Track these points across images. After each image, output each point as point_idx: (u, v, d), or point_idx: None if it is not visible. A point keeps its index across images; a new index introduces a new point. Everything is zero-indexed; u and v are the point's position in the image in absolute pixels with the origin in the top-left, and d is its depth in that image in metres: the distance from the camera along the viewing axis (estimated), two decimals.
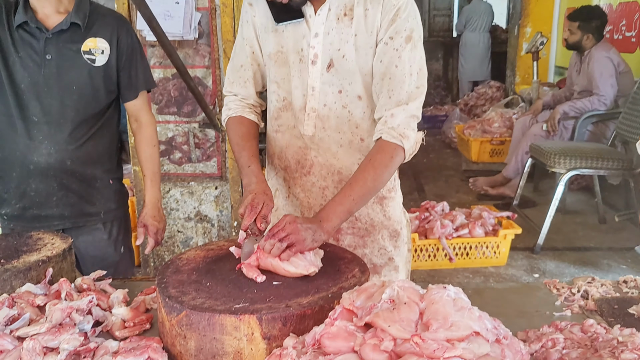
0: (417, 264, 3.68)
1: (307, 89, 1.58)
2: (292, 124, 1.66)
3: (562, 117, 4.67)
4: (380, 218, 1.73)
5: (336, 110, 1.59)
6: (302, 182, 1.70)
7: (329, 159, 1.65)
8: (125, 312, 1.34)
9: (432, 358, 0.85)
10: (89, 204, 2.00)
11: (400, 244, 1.77)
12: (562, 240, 4.17)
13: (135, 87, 2.01)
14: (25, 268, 1.41)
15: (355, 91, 1.57)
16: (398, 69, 1.50)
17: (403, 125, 1.50)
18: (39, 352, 1.15)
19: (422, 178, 5.92)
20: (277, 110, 1.68)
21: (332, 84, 1.57)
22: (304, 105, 1.60)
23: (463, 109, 7.86)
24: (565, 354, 1.16)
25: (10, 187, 1.94)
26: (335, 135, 1.62)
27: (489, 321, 0.99)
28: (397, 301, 1.01)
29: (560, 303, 1.48)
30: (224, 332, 1.13)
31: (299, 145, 1.67)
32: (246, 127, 1.67)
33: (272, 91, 1.67)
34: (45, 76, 1.85)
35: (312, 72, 1.56)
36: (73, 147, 1.92)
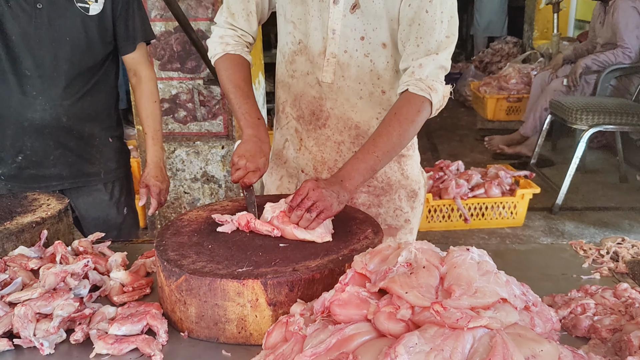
0: (430, 225, 3.59)
1: (327, 32, 1.45)
2: (306, 70, 1.52)
3: (584, 71, 4.48)
4: (397, 177, 1.62)
5: (357, 59, 1.46)
6: (316, 135, 1.58)
7: (347, 112, 1.53)
8: (124, 276, 1.27)
9: (454, 328, 0.76)
10: (88, 164, 1.91)
11: (417, 204, 1.68)
12: (582, 200, 4.05)
13: (132, 38, 1.89)
14: (17, 230, 1.33)
15: (379, 38, 1.43)
16: (428, 15, 1.35)
17: (432, 77, 1.37)
18: (31, 318, 1.08)
19: (435, 137, 5.78)
20: (292, 53, 1.54)
21: (355, 29, 1.43)
22: (323, 49, 1.47)
23: (478, 66, 7.61)
24: (597, 321, 1.06)
25: (5, 145, 1.85)
26: (355, 85, 1.49)
27: (517, 286, 0.90)
28: (415, 265, 0.92)
29: (588, 265, 1.38)
30: (227, 298, 1.05)
31: (314, 94, 1.54)
32: (247, 70, 1.53)
33: (288, 32, 1.52)
34: (37, 26, 1.73)
35: (334, 12, 1.42)
36: (68, 103, 1.82)
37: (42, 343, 1.05)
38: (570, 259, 1.43)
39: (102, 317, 1.12)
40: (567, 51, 5.03)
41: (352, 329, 0.85)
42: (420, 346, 0.74)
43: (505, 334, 0.76)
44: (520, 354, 0.74)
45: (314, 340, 0.86)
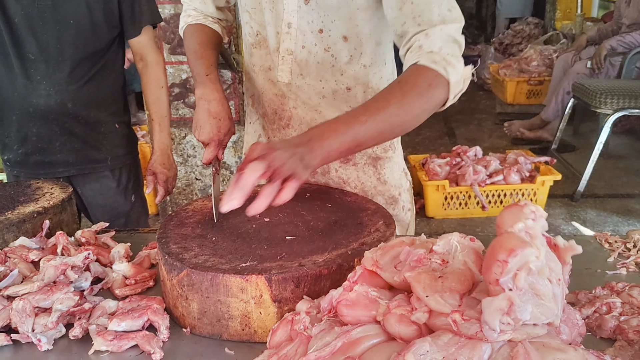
0: (447, 212, 3.51)
1: (282, 26, 1.32)
2: (267, 65, 1.41)
3: (609, 53, 4.33)
4: (373, 183, 1.49)
5: (317, 54, 1.32)
6: (281, 136, 1.47)
7: (310, 112, 1.40)
8: (127, 268, 1.23)
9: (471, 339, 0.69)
10: (94, 150, 1.88)
11: (398, 211, 1.52)
12: (604, 187, 3.93)
13: (138, 22, 1.84)
14: (18, 220, 1.30)
15: (339, 30, 1.29)
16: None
17: (446, 50, 1.11)
18: (30, 313, 1.05)
19: (452, 122, 5.67)
20: (250, 46, 1.43)
21: (312, 22, 1.29)
22: (277, 45, 1.35)
23: (497, 48, 7.43)
24: (624, 322, 0.99)
25: (11, 131, 1.83)
26: (316, 84, 1.36)
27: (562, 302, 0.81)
28: (450, 264, 0.80)
29: (614, 260, 1.30)
30: (229, 294, 1.00)
31: (275, 92, 1.42)
32: (207, 35, 1.43)
33: (245, 22, 1.41)
34: (40, 9, 1.69)
35: (288, 4, 1.29)
36: (74, 88, 1.78)
37: (40, 339, 1.02)
38: (595, 252, 1.35)
39: (103, 312, 1.08)
40: (590, 32, 4.86)
41: (360, 332, 0.79)
42: (431, 354, 0.68)
43: (528, 344, 0.70)
44: None
45: (319, 342, 0.81)
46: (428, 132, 5.24)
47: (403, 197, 1.53)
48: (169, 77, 2.89)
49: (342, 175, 1.48)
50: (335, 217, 1.24)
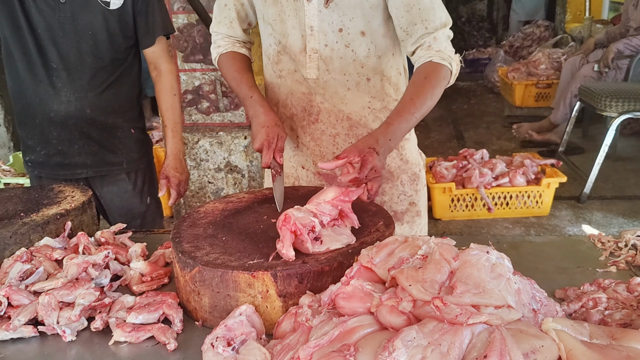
0: (453, 214, 3.56)
1: (305, 29, 1.47)
2: (292, 68, 1.56)
3: (616, 56, 4.35)
4: (397, 163, 1.65)
5: (339, 51, 1.49)
6: (310, 131, 1.61)
7: (337, 104, 1.56)
8: (143, 266, 1.31)
9: (453, 324, 0.77)
10: (111, 153, 1.99)
11: (420, 187, 1.70)
12: (611, 189, 3.95)
13: (152, 33, 1.94)
14: (43, 222, 1.39)
15: (357, 27, 1.46)
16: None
17: (449, 48, 1.44)
18: (55, 306, 1.13)
19: (461, 125, 5.70)
20: (276, 54, 1.57)
21: (332, 22, 1.46)
22: (303, 46, 1.50)
23: (508, 51, 7.44)
24: (608, 315, 1.05)
25: (34, 134, 1.95)
26: (341, 77, 1.52)
27: (527, 295, 0.89)
28: (429, 258, 0.92)
29: (605, 258, 1.36)
30: (238, 289, 1.08)
31: (303, 90, 1.57)
32: (240, 61, 1.60)
33: (268, 34, 1.56)
34: (60, 20, 1.80)
35: (309, 9, 1.45)
36: (92, 95, 1.89)
37: (65, 330, 1.11)
38: (587, 252, 1.41)
39: (121, 306, 1.17)
40: (598, 35, 4.88)
41: (355, 322, 0.86)
42: (418, 340, 0.75)
43: (504, 329, 0.77)
44: (519, 349, 0.74)
45: (319, 331, 0.88)
46: (437, 135, 5.29)
47: (422, 173, 1.71)
48: (182, 84, 2.99)
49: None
50: None
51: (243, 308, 1.05)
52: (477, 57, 7.93)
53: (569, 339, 0.80)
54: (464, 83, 7.41)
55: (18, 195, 1.58)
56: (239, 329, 1.01)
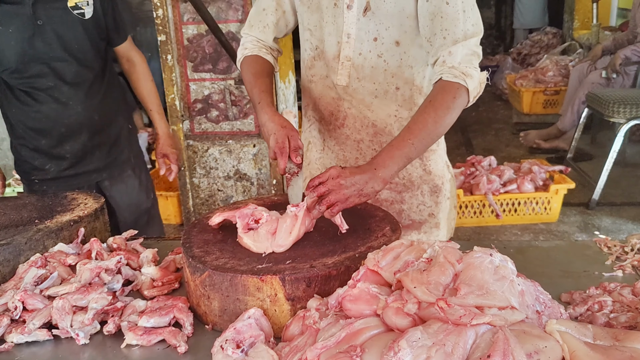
0: (462, 220, 3.57)
1: (342, 36, 1.49)
2: (324, 74, 1.58)
3: (624, 63, 4.34)
4: (419, 173, 1.64)
5: (371, 60, 1.49)
6: (336, 135, 1.63)
7: (363, 111, 1.56)
8: (154, 271, 1.34)
9: (457, 325, 0.78)
10: (119, 152, 2.11)
11: (441, 199, 1.67)
12: (621, 195, 3.93)
13: (123, 30, 2.08)
14: (57, 228, 1.42)
15: (392, 37, 1.45)
16: (450, 6, 1.35)
17: (464, 63, 1.35)
18: (69, 310, 1.16)
19: (470, 132, 5.71)
20: (311, 59, 1.59)
21: (368, 31, 1.46)
22: (337, 53, 1.51)
23: (516, 58, 7.44)
24: (613, 318, 1.06)
25: (42, 155, 2.00)
26: (370, 85, 1.53)
27: (530, 296, 0.90)
28: (434, 261, 0.94)
29: (611, 263, 1.37)
30: (247, 293, 1.10)
31: (332, 96, 1.59)
32: (260, 65, 1.59)
33: (306, 39, 1.59)
34: (45, 41, 1.86)
35: (348, 17, 1.46)
36: (96, 102, 1.99)
37: (78, 333, 1.13)
38: (594, 256, 1.42)
39: (133, 310, 1.19)
40: (606, 42, 4.88)
41: (361, 324, 0.88)
42: (422, 341, 0.77)
43: (508, 330, 0.78)
44: (522, 349, 0.76)
45: (326, 333, 0.90)
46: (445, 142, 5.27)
47: (445, 187, 1.68)
48: (192, 94, 3.03)
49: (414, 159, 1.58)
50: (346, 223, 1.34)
51: (252, 311, 1.07)
52: (486, 65, 7.88)
53: (573, 340, 0.82)
54: None
55: (32, 203, 1.62)
56: (247, 331, 1.03)
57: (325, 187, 1.23)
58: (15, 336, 1.13)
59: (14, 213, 1.54)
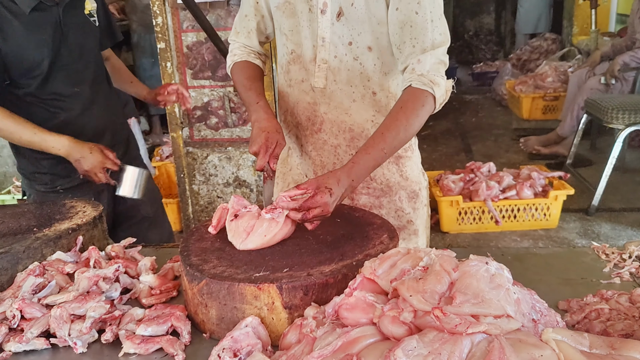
0: (461, 227, 3.57)
1: (317, 40, 1.51)
2: (301, 78, 1.59)
3: (622, 69, 4.36)
4: (396, 178, 1.66)
5: (347, 63, 1.52)
6: (313, 140, 1.64)
7: (340, 115, 1.58)
8: (152, 279, 1.34)
9: (453, 333, 0.78)
10: (134, 148, 2.22)
11: (419, 205, 1.70)
12: (620, 201, 3.94)
13: (113, 34, 2.16)
14: (55, 236, 1.43)
15: (365, 42, 1.49)
16: (419, 16, 1.39)
17: (432, 72, 1.40)
18: (66, 319, 1.16)
19: (469, 138, 5.71)
20: (287, 63, 1.61)
21: (342, 35, 1.49)
22: (314, 56, 1.54)
23: (515, 64, 7.46)
24: (610, 326, 1.07)
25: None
26: (347, 88, 1.55)
27: (526, 305, 0.90)
28: (430, 270, 0.94)
29: (609, 270, 1.37)
30: (244, 302, 1.11)
31: (308, 100, 1.61)
32: (252, 70, 1.64)
33: (282, 44, 1.61)
34: (69, 48, 1.92)
35: (322, 21, 1.49)
36: (112, 103, 2.09)
37: (76, 342, 1.13)
38: (591, 263, 1.42)
39: (131, 319, 1.19)
40: (605, 48, 4.90)
41: (358, 332, 0.88)
42: (418, 350, 0.77)
43: (503, 339, 0.78)
44: (518, 358, 0.76)
45: (323, 342, 0.90)
46: (445, 148, 5.30)
47: (422, 193, 1.71)
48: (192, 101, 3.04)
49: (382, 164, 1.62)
50: (344, 230, 1.34)
51: (249, 320, 1.07)
52: (485, 71, 7.95)
53: (569, 349, 0.82)
54: (471, 96, 7.43)
55: (31, 211, 1.62)
56: (245, 340, 1.03)
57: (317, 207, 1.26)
58: (13, 345, 1.13)
59: (13, 221, 1.55)
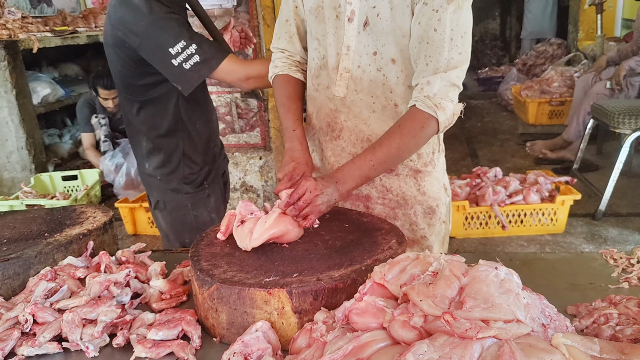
0: (467, 232, 3.56)
1: (341, 48, 1.51)
2: (326, 84, 1.60)
3: (628, 74, 4.35)
4: (413, 192, 1.63)
5: (370, 73, 1.50)
6: (332, 146, 1.65)
7: (359, 125, 1.58)
8: (162, 284, 1.35)
9: (464, 338, 0.79)
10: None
11: (435, 221, 1.66)
12: (627, 206, 3.92)
13: None
14: (66, 241, 1.44)
15: (388, 54, 1.47)
16: (437, 33, 1.36)
17: (440, 95, 1.38)
18: (78, 323, 1.17)
19: (475, 143, 5.71)
20: (317, 68, 1.61)
21: (367, 45, 1.48)
22: (336, 64, 1.53)
23: (521, 69, 7.47)
24: (619, 331, 1.07)
25: (207, 155, 2.15)
26: (368, 99, 1.54)
27: (536, 309, 0.91)
28: (439, 275, 0.95)
29: (617, 275, 1.37)
30: (255, 306, 1.11)
31: (330, 107, 1.61)
32: (292, 87, 1.63)
33: (314, 48, 1.60)
34: None
35: (349, 30, 1.48)
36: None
37: (88, 346, 1.14)
38: (600, 268, 1.42)
39: (142, 323, 1.20)
40: (610, 53, 4.89)
41: (368, 337, 0.89)
42: (429, 354, 0.78)
43: (514, 343, 0.79)
44: None
45: (333, 346, 0.91)
46: (451, 153, 5.29)
47: (441, 210, 1.67)
48: None
49: (386, 184, 1.64)
50: (352, 236, 1.35)
51: (259, 324, 1.08)
52: (491, 76, 7.96)
53: (579, 354, 0.82)
54: (477, 101, 7.44)
55: (42, 216, 1.64)
56: (255, 344, 1.04)
57: (304, 203, 1.34)
58: (25, 349, 1.14)
59: (24, 227, 1.56)
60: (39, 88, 5.07)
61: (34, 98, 4.87)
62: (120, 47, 1.88)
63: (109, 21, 1.90)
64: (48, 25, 4.89)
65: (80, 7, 6.48)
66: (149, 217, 3.93)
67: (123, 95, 2.04)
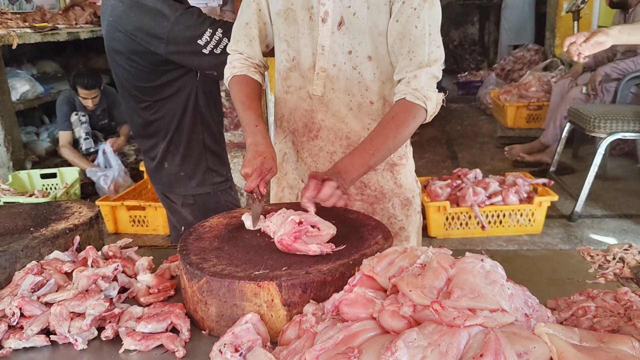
0: (448, 232, 3.62)
1: (316, 48, 1.54)
2: (299, 85, 1.62)
3: (604, 79, 4.47)
4: (390, 186, 1.69)
5: (346, 72, 1.55)
6: (309, 147, 1.67)
7: (337, 123, 1.61)
8: (150, 278, 1.36)
9: (451, 326, 0.82)
10: None
11: (411, 212, 1.74)
12: (602, 208, 4.03)
13: None
14: (52, 236, 1.44)
15: (365, 51, 1.52)
16: (418, 29, 1.44)
17: (426, 87, 1.46)
18: (66, 317, 1.17)
19: (455, 145, 5.80)
20: (287, 70, 1.63)
21: (342, 44, 1.52)
22: (313, 64, 1.56)
23: (499, 74, 7.59)
24: (597, 322, 1.11)
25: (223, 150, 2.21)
26: (345, 97, 1.58)
27: (519, 300, 0.94)
28: (428, 266, 0.98)
29: (594, 271, 1.42)
30: (244, 299, 1.13)
31: (306, 107, 1.63)
32: (251, 87, 1.61)
33: (282, 50, 1.62)
34: None
35: (323, 30, 1.52)
36: None
37: (76, 339, 1.15)
38: (577, 265, 1.47)
39: (130, 316, 1.21)
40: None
41: (358, 326, 0.91)
42: (418, 341, 0.80)
43: (499, 331, 0.82)
44: (512, 349, 0.80)
45: (324, 336, 0.93)
46: (431, 155, 5.37)
47: (416, 200, 1.75)
48: None
49: (364, 179, 1.67)
50: (339, 231, 1.37)
51: (249, 316, 1.10)
52: (470, 80, 8.08)
53: (560, 342, 0.85)
54: (457, 105, 7.54)
55: (26, 212, 1.63)
56: (245, 336, 1.06)
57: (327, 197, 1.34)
58: (13, 342, 1.14)
59: (8, 221, 1.55)
60: (17, 85, 4.99)
61: (13, 95, 4.78)
62: (139, 53, 1.84)
63: (117, 28, 1.84)
64: (27, 21, 4.82)
65: (60, 3, 6.38)
66: (130, 215, 3.90)
67: (131, 103, 1.99)
